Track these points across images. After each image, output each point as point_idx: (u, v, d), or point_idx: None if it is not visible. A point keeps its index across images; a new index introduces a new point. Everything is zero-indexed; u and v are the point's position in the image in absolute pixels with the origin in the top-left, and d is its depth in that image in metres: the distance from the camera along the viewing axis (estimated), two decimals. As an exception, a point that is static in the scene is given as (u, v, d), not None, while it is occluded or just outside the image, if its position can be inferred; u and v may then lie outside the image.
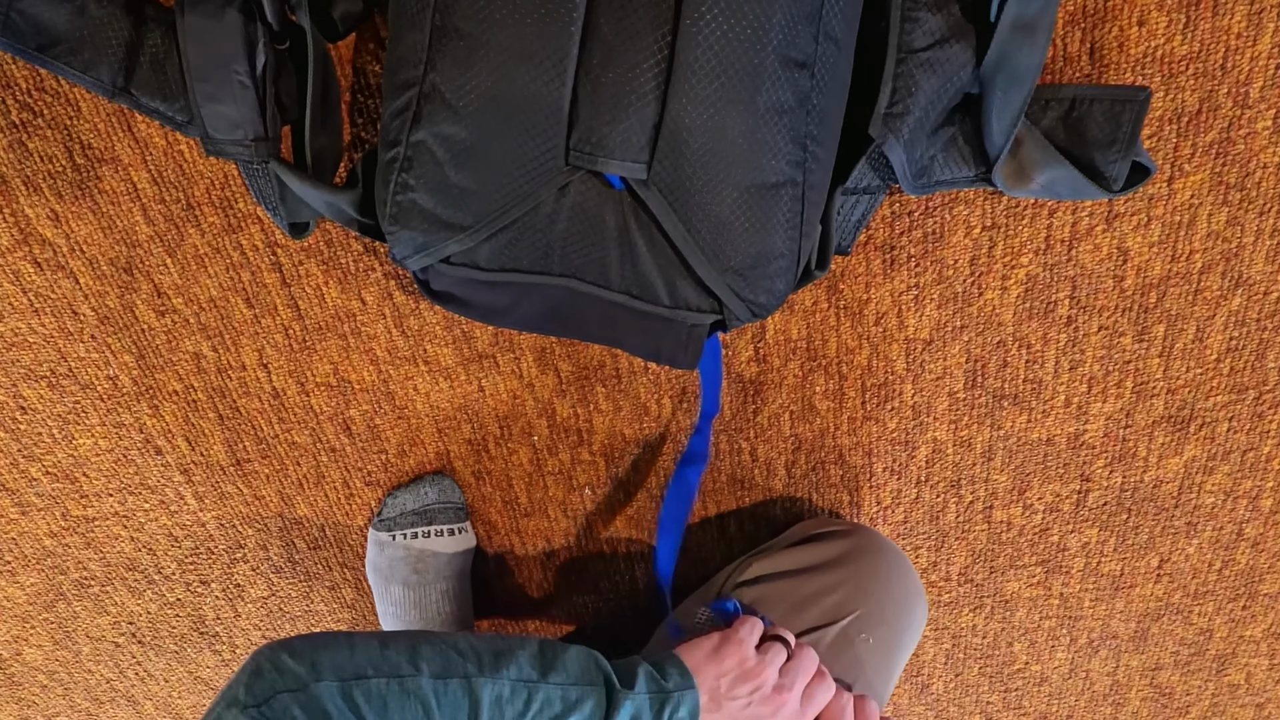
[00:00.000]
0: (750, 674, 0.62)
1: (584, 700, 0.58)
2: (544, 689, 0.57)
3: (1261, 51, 0.64)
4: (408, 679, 0.54)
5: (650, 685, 0.60)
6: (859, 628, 0.71)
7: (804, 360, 0.78)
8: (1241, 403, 0.80)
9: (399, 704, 0.53)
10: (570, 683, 0.58)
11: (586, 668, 0.59)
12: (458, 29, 0.53)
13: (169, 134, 0.68)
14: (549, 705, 0.57)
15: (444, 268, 0.61)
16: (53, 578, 0.93)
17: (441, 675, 0.55)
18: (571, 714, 0.57)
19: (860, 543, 0.75)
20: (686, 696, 0.60)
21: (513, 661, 0.58)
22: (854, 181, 0.63)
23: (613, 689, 0.58)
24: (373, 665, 0.54)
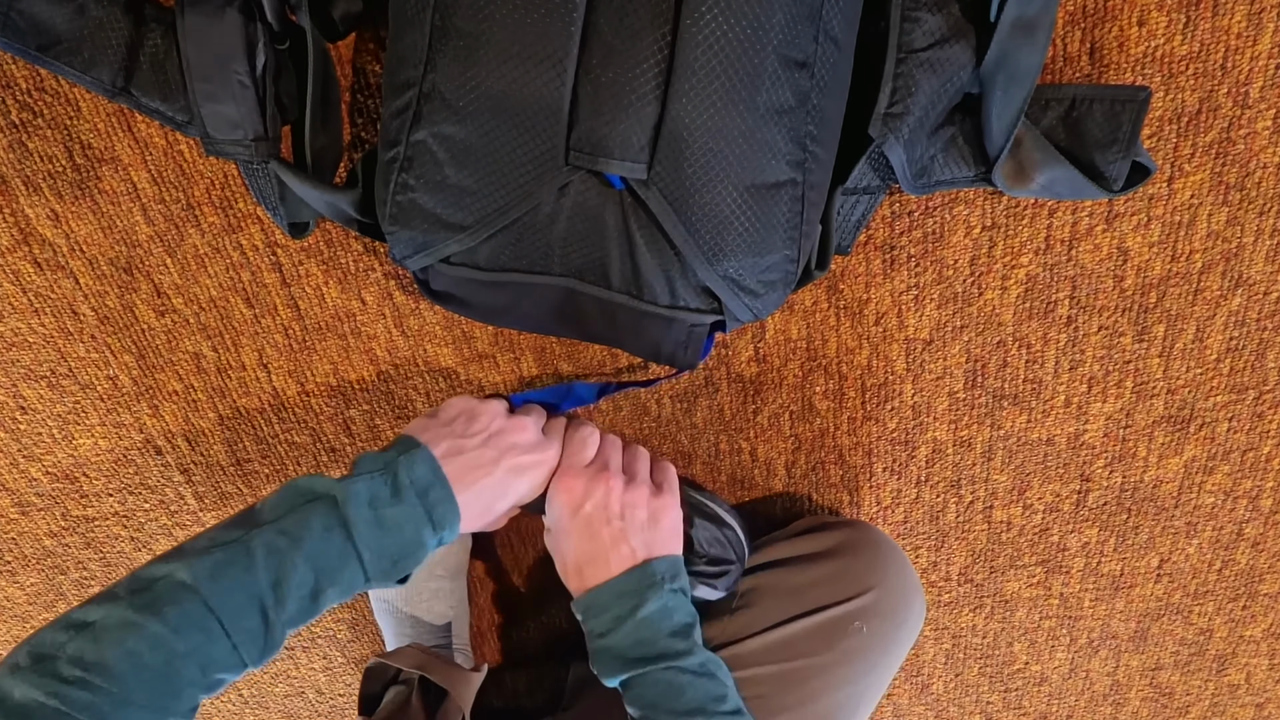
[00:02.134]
0: (476, 412, 0.59)
1: (307, 518, 0.51)
2: (256, 539, 0.51)
3: (1261, 51, 0.64)
4: (143, 626, 0.48)
5: (369, 465, 0.55)
6: (853, 616, 0.70)
7: (804, 360, 0.78)
8: (1241, 403, 0.80)
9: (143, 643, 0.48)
10: (282, 515, 0.52)
11: (291, 493, 0.53)
12: (458, 29, 0.53)
13: (169, 134, 0.68)
14: (273, 550, 0.50)
15: (444, 268, 0.61)
16: (53, 578, 0.93)
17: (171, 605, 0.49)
18: (303, 541, 0.51)
19: (857, 535, 0.75)
20: (416, 455, 0.55)
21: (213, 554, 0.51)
22: (854, 181, 0.63)
23: (329, 494, 0.53)
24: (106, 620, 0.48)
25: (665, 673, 0.58)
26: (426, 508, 0.54)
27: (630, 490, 0.62)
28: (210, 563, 0.50)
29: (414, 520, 0.54)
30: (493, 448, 0.58)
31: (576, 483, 0.61)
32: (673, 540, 0.63)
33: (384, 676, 0.81)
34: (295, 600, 0.51)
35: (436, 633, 0.85)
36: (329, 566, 0.52)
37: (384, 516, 0.53)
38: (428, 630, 0.85)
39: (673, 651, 0.58)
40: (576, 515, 0.61)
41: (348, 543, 0.52)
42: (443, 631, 0.85)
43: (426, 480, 0.55)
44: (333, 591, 0.53)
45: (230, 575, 0.49)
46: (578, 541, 0.61)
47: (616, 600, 0.60)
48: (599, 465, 0.63)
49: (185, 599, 0.48)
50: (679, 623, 0.59)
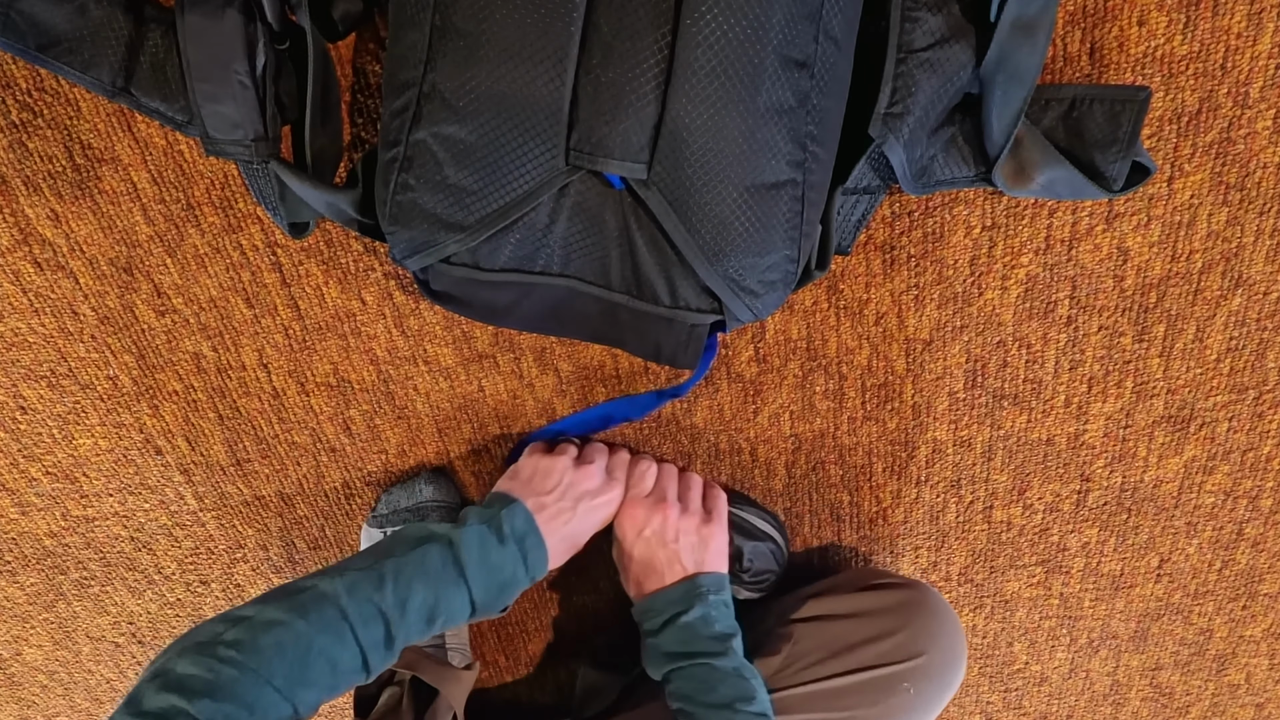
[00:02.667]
0: (550, 470, 0.71)
1: (427, 554, 0.61)
2: (387, 565, 0.60)
3: (1261, 51, 0.64)
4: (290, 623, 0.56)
5: (479, 517, 0.65)
6: (904, 678, 0.73)
7: (804, 360, 0.78)
8: (1241, 403, 0.80)
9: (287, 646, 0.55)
10: (407, 550, 0.62)
11: (414, 534, 0.63)
12: (458, 29, 0.53)
13: (169, 134, 0.68)
14: (400, 576, 0.60)
15: (444, 268, 0.61)
16: (53, 578, 0.93)
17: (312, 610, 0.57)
18: (425, 572, 0.60)
19: (917, 597, 0.77)
20: (515, 510, 0.66)
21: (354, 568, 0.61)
22: (854, 181, 0.63)
23: (446, 537, 0.63)
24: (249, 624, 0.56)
25: (700, 669, 0.67)
26: (523, 552, 0.65)
27: (684, 518, 0.72)
28: (348, 580, 0.59)
29: (513, 562, 0.64)
30: (569, 498, 0.69)
31: (639, 512, 0.73)
32: (719, 560, 0.73)
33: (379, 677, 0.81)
34: (414, 619, 0.60)
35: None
36: (444, 595, 0.61)
37: (489, 558, 0.63)
38: None
39: (710, 651, 0.67)
40: (639, 539, 0.72)
41: (460, 577, 0.62)
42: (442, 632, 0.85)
43: (523, 530, 0.65)
44: (444, 617, 0.62)
45: (363, 591, 0.58)
46: (639, 560, 0.72)
47: (667, 606, 0.69)
48: (658, 495, 0.74)
49: (326, 606, 0.57)
50: (719, 630, 0.68)
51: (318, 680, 0.56)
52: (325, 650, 0.56)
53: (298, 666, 0.55)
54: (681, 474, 0.78)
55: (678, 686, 0.68)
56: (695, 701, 0.66)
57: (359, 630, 0.57)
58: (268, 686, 0.53)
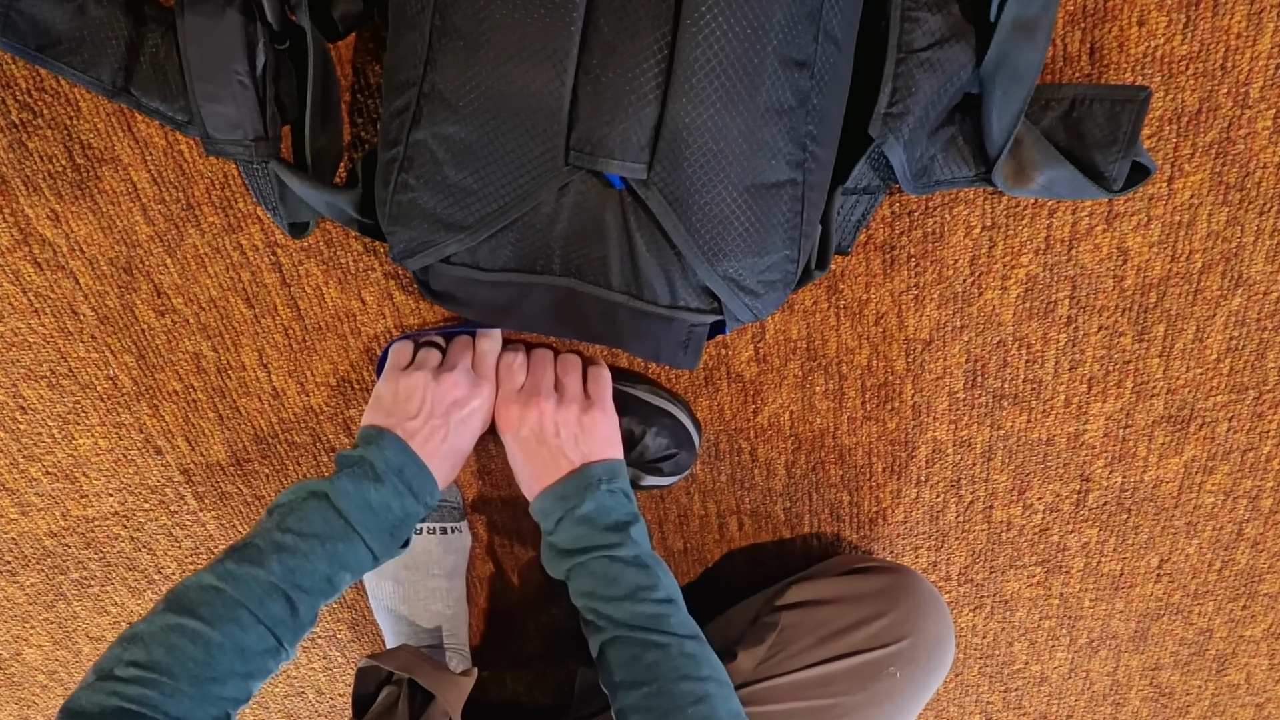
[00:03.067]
0: (408, 390, 0.66)
1: (306, 515, 0.60)
2: (267, 539, 0.59)
3: (1261, 51, 0.64)
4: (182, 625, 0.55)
5: (348, 461, 0.62)
6: (890, 661, 0.72)
7: (804, 360, 0.78)
8: (1241, 403, 0.80)
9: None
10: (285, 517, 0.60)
11: (289, 499, 0.61)
12: (457, 29, 0.53)
13: (169, 134, 0.68)
14: (281, 545, 0.58)
15: (444, 267, 0.61)
16: (53, 578, 0.93)
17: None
18: (308, 534, 0.59)
19: (901, 581, 0.76)
20: (384, 442, 0.63)
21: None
22: (854, 181, 0.63)
23: (321, 491, 0.60)
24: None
25: (599, 562, 0.63)
26: (405, 483, 0.62)
27: (561, 409, 0.68)
28: (230, 565, 0.57)
29: (398, 496, 0.62)
30: (438, 415, 0.65)
31: (510, 411, 0.68)
32: (608, 447, 0.68)
33: (376, 677, 0.81)
34: (311, 583, 0.58)
35: (432, 633, 0.85)
36: (336, 551, 0.59)
37: (372, 500, 0.61)
38: (424, 630, 0.85)
39: (607, 543, 0.64)
40: (518, 439, 0.68)
41: (348, 528, 0.59)
42: (438, 632, 0.85)
43: (399, 462, 0.62)
44: (346, 572, 0.60)
45: (248, 572, 0.57)
46: (523, 461, 0.68)
47: (557, 503, 0.65)
48: (530, 389, 0.69)
49: (214, 597, 0.56)
50: (615, 520, 0.65)
51: (230, 670, 0.55)
52: (228, 641, 0.55)
53: (204, 664, 0.54)
54: (558, 359, 0.72)
55: (578, 584, 0.65)
56: (596, 596, 0.63)
57: (257, 610, 0.56)
58: (178, 693, 0.53)
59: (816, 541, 0.89)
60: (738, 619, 0.82)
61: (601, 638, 0.63)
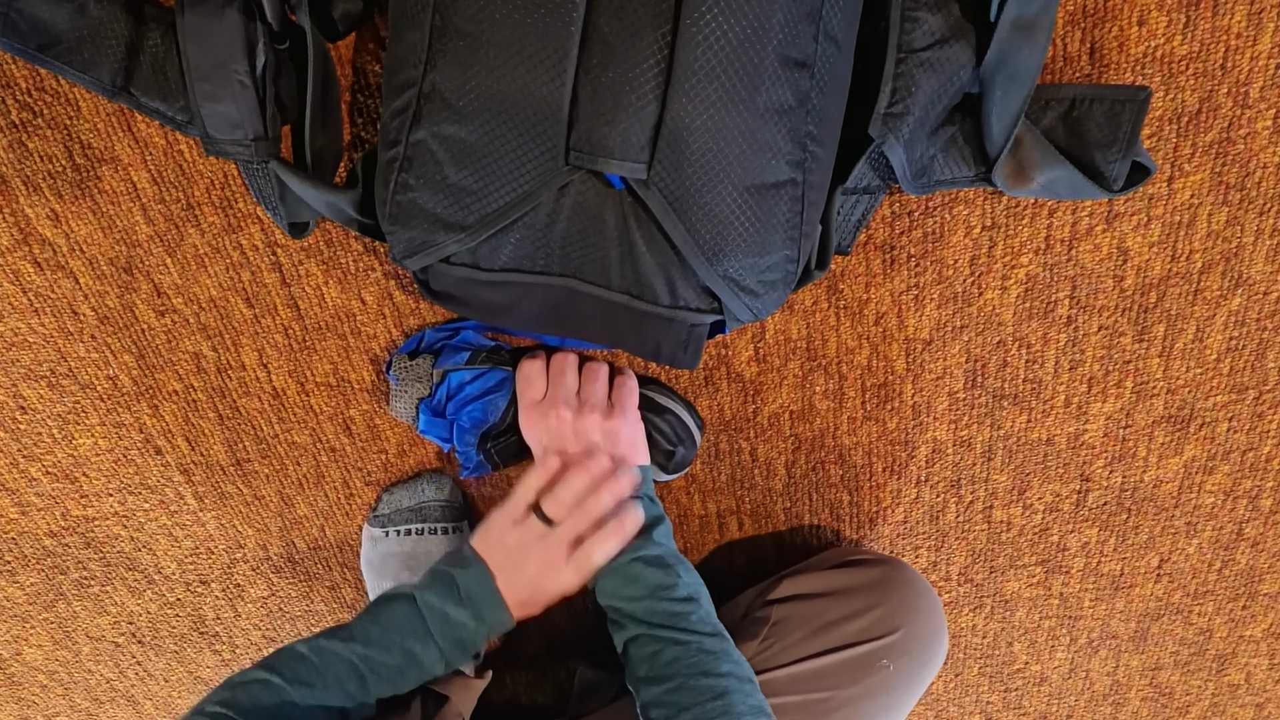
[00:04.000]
0: (518, 549, 0.66)
1: (393, 611, 0.65)
2: (356, 624, 0.65)
3: (1261, 51, 0.64)
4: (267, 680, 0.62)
5: (437, 578, 0.66)
6: (881, 654, 0.72)
7: (804, 360, 0.78)
8: (1241, 403, 0.80)
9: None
10: (377, 609, 0.66)
11: (384, 597, 0.67)
12: (458, 28, 0.53)
13: (169, 134, 0.68)
14: (367, 635, 0.64)
15: (444, 267, 0.61)
16: (53, 578, 0.93)
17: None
18: (390, 628, 0.64)
19: (892, 573, 0.76)
20: (469, 573, 0.65)
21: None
22: (854, 181, 0.63)
23: (409, 595, 0.65)
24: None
25: (621, 565, 0.65)
26: (478, 614, 0.65)
27: (580, 418, 0.68)
28: (321, 641, 0.64)
29: (472, 620, 0.65)
30: (527, 576, 0.66)
31: (530, 420, 0.70)
32: (633, 452, 0.69)
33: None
34: (386, 670, 0.64)
35: None
36: (412, 648, 0.64)
37: (449, 616, 0.65)
38: None
39: (631, 546, 0.65)
40: (538, 448, 0.70)
41: (426, 633, 0.64)
42: None
43: (479, 594, 0.66)
44: (417, 669, 0.65)
45: (334, 648, 0.63)
46: (543, 472, 0.69)
47: None
48: (550, 399, 0.70)
49: (299, 664, 0.62)
50: (640, 521, 0.66)
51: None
52: (300, 699, 0.61)
53: (273, 714, 0.60)
54: (584, 366, 0.72)
55: (603, 585, 0.66)
56: (620, 596, 0.65)
57: (331, 680, 0.62)
58: None
59: (816, 541, 0.89)
60: (730, 614, 0.82)
61: (625, 636, 0.65)
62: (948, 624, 0.95)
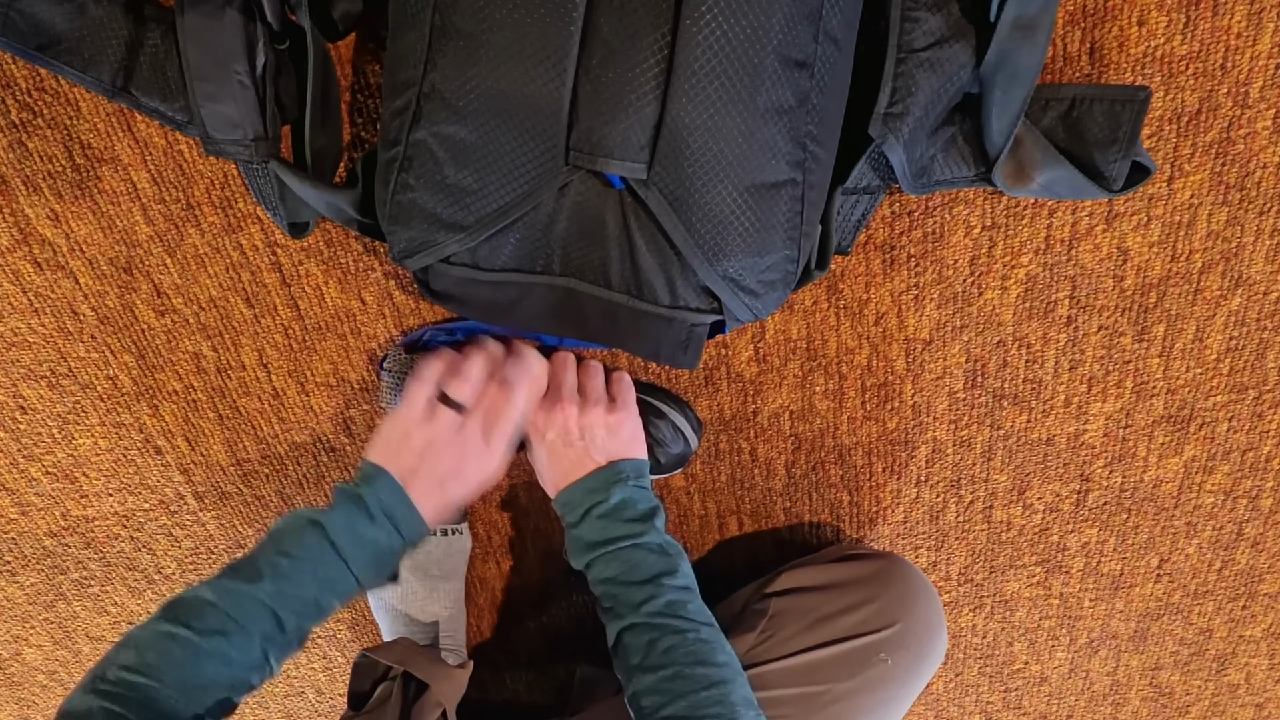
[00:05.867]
0: (420, 444, 0.64)
1: (302, 540, 0.61)
2: (263, 559, 0.61)
3: (1261, 51, 0.64)
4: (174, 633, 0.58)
5: (344, 498, 0.63)
6: (879, 648, 0.72)
7: (804, 360, 0.78)
8: (1241, 403, 0.80)
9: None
10: (282, 541, 0.62)
11: (287, 525, 0.63)
12: (457, 29, 0.53)
13: (169, 134, 0.68)
14: (276, 567, 0.60)
15: (444, 267, 0.61)
16: (53, 578, 0.93)
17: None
18: (302, 559, 0.60)
19: (890, 567, 0.76)
20: (379, 485, 0.63)
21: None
22: (854, 181, 0.63)
23: (317, 522, 0.62)
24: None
25: (623, 550, 0.65)
26: (395, 524, 0.63)
27: (586, 413, 0.68)
28: (225, 581, 0.60)
29: (387, 536, 0.63)
30: (439, 474, 0.64)
31: (536, 416, 0.69)
32: (634, 446, 0.70)
33: (373, 673, 0.81)
34: (300, 604, 0.60)
35: (429, 632, 0.85)
36: (326, 576, 0.61)
37: (363, 537, 0.62)
38: (421, 629, 0.85)
39: (633, 533, 0.65)
40: (543, 443, 0.69)
41: (338, 558, 0.61)
42: (436, 631, 0.86)
43: (391, 504, 0.63)
44: (332, 596, 0.61)
45: (242, 589, 0.59)
46: (550, 463, 0.69)
47: (585, 496, 0.67)
48: (553, 394, 0.69)
49: (206, 610, 0.58)
50: (641, 510, 0.66)
51: (215, 679, 0.57)
52: (215, 652, 0.57)
53: (190, 670, 0.56)
54: (581, 364, 0.72)
55: (600, 571, 0.66)
56: (618, 583, 0.64)
57: (245, 624, 0.58)
58: (164, 696, 0.55)
59: (816, 541, 0.89)
60: (728, 607, 0.82)
61: (620, 624, 0.64)
62: (948, 624, 0.95)
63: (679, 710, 0.59)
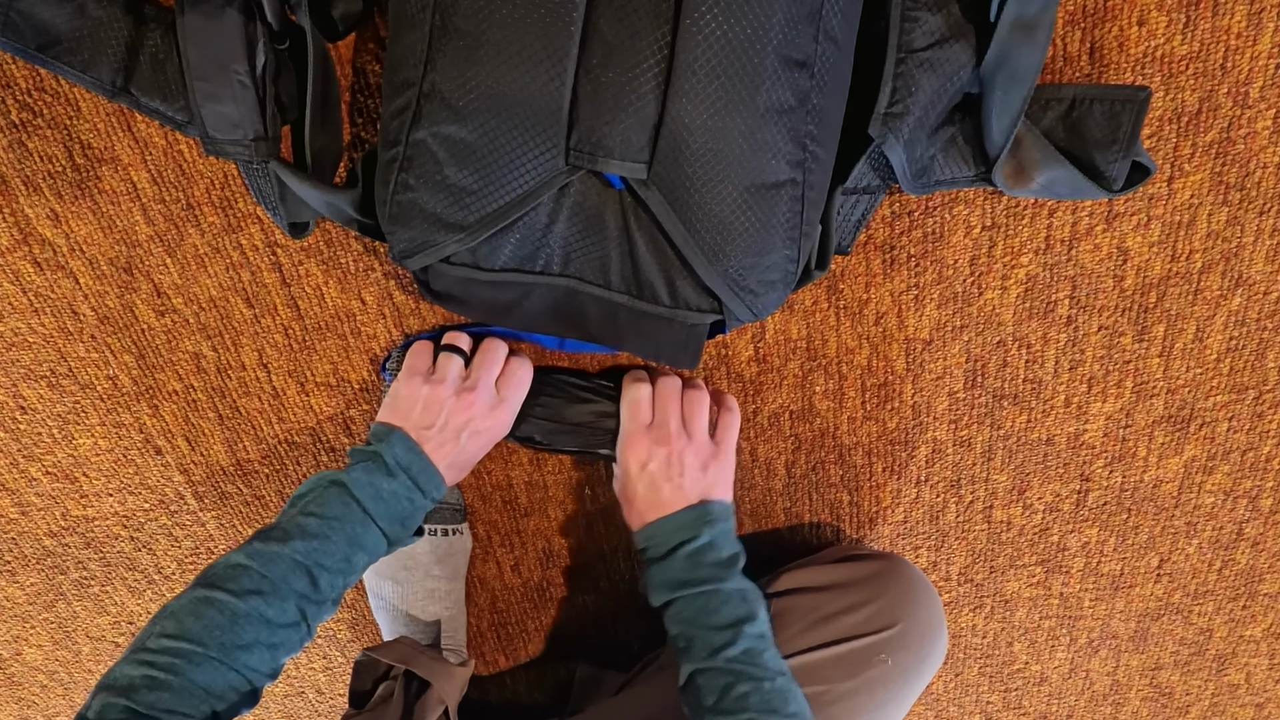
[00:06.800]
0: (431, 402, 0.66)
1: (325, 500, 0.63)
2: (290, 522, 0.62)
3: (1261, 51, 0.64)
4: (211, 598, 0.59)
5: (361, 456, 0.65)
6: (879, 648, 0.72)
7: (804, 360, 0.78)
8: (1241, 403, 0.80)
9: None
10: (306, 503, 0.63)
11: (308, 488, 0.64)
12: (457, 28, 0.53)
13: (169, 134, 0.68)
14: (304, 528, 0.61)
15: (444, 267, 0.61)
16: (53, 578, 0.93)
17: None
18: (328, 518, 0.62)
19: (891, 567, 0.76)
20: (393, 440, 0.65)
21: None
22: (854, 181, 0.63)
23: (339, 481, 0.63)
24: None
25: (706, 593, 0.65)
26: (413, 478, 0.65)
27: (689, 452, 0.69)
28: (257, 545, 0.61)
29: (407, 490, 0.65)
30: (450, 429, 0.67)
31: (640, 447, 0.70)
32: (725, 488, 0.70)
33: (374, 672, 0.81)
34: (333, 561, 0.61)
35: (430, 632, 0.86)
36: (354, 534, 0.63)
37: (383, 491, 0.64)
38: (422, 630, 0.85)
39: (716, 577, 0.65)
40: (643, 473, 0.69)
41: (364, 514, 0.63)
42: (437, 632, 0.86)
43: (407, 460, 0.65)
44: (363, 553, 0.63)
45: (273, 550, 0.60)
46: (644, 493, 0.69)
47: (674, 532, 0.67)
48: (660, 427, 0.70)
49: (241, 574, 0.59)
50: (725, 555, 0.66)
51: (255, 640, 0.58)
52: (252, 613, 0.58)
53: (230, 632, 0.57)
54: (686, 393, 0.72)
55: (679, 610, 0.66)
56: (697, 625, 0.65)
57: (280, 584, 0.59)
58: (206, 660, 0.56)
59: (816, 541, 0.89)
60: None
61: (695, 665, 0.64)
62: (948, 624, 0.95)
63: None
